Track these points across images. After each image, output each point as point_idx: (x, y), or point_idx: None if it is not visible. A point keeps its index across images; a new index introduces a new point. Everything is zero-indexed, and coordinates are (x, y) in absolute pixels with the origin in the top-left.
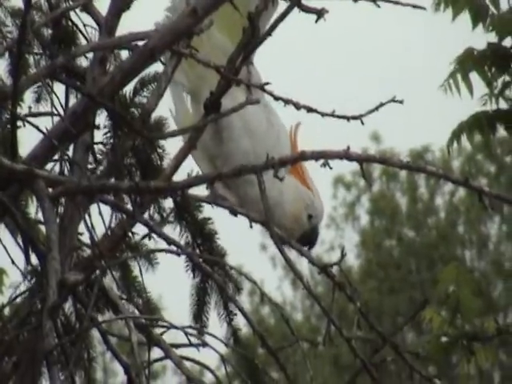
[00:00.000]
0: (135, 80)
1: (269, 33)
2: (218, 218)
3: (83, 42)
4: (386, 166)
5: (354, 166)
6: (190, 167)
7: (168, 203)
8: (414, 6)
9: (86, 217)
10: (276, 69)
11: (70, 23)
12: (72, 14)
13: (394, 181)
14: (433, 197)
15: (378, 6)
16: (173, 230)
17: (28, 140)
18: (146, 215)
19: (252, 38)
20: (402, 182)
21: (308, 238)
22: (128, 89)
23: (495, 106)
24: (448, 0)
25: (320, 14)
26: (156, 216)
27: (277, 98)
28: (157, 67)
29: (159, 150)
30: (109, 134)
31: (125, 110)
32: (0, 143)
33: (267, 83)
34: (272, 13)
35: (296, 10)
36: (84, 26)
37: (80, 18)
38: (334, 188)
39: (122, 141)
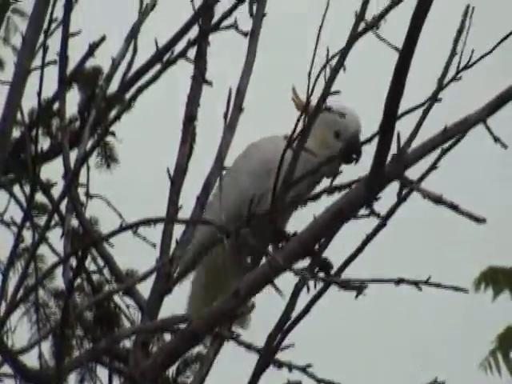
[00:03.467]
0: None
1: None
2: None
3: (126, 323)
4: None
5: None
6: None
7: None
8: (456, 289)
9: None
10: None
11: (112, 306)
12: (115, 296)
13: None
14: None
15: (420, 289)
16: None
17: None
18: None
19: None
20: None
21: (347, 155)
22: (171, 369)
23: None
24: (488, 279)
25: (360, 289)
26: None
27: None
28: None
29: None
30: None
31: None
32: None
33: None
34: None
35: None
36: (127, 307)
37: (123, 300)
38: None
39: None
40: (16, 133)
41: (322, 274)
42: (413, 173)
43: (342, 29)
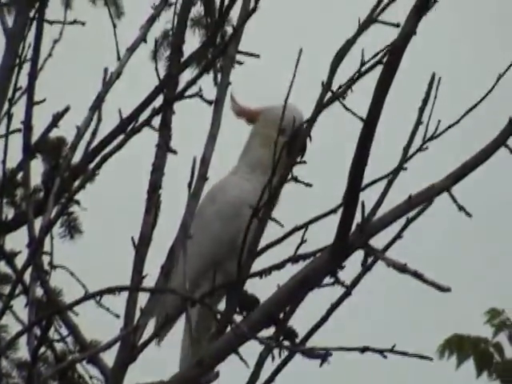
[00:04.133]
0: None
1: None
2: None
3: None
4: None
5: None
6: None
7: None
8: (421, 357)
9: None
10: None
11: (76, 375)
12: (78, 365)
13: None
14: None
15: (385, 357)
16: None
17: None
18: None
19: None
20: None
21: (293, 148)
22: None
23: None
24: (453, 347)
25: (324, 357)
26: None
27: None
28: None
29: None
30: None
31: None
32: None
33: None
34: None
35: None
36: (90, 377)
37: (87, 369)
38: None
39: None
40: None
41: (286, 343)
42: (378, 242)
43: (309, 98)
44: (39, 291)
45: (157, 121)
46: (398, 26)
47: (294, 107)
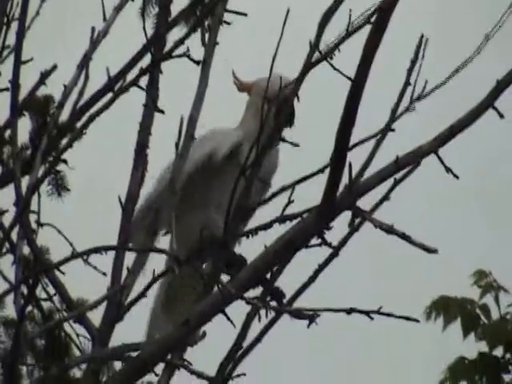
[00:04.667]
0: None
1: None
2: None
3: (76, 351)
4: None
5: None
6: None
7: None
8: (407, 318)
9: None
10: None
11: (63, 334)
12: (65, 324)
13: None
14: None
15: (372, 318)
16: None
17: None
18: None
19: None
20: None
21: (280, 117)
22: None
23: None
24: (439, 308)
25: (312, 318)
26: None
27: None
28: (151, 377)
29: None
30: None
31: None
32: None
33: None
34: None
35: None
36: (77, 336)
37: (73, 328)
38: None
39: None
40: None
41: (273, 303)
42: (366, 203)
43: (296, 58)
44: (26, 249)
45: (144, 80)
46: None
47: (280, 76)
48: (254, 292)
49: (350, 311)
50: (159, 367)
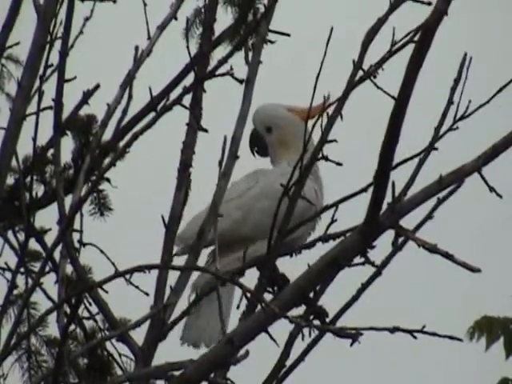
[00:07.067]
0: None
1: None
2: None
3: (119, 371)
4: None
5: None
6: None
7: None
8: (451, 338)
9: None
10: None
11: (105, 353)
12: (108, 343)
13: None
14: None
15: (415, 338)
16: None
17: None
18: None
19: None
20: None
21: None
22: None
23: None
24: (482, 328)
25: (355, 337)
26: None
27: None
28: None
29: None
30: None
31: None
32: None
33: None
34: None
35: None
36: (120, 355)
37: (116, 347)
38: None
39: None
40: (10, 179)
41: (316, 322)
42: (409, 222)
43: (339, 77)
44: (69, 268)
45: (188, 99)
46: (429, 4)
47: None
48: (297, 311)
49: (393, 330)
50: None
